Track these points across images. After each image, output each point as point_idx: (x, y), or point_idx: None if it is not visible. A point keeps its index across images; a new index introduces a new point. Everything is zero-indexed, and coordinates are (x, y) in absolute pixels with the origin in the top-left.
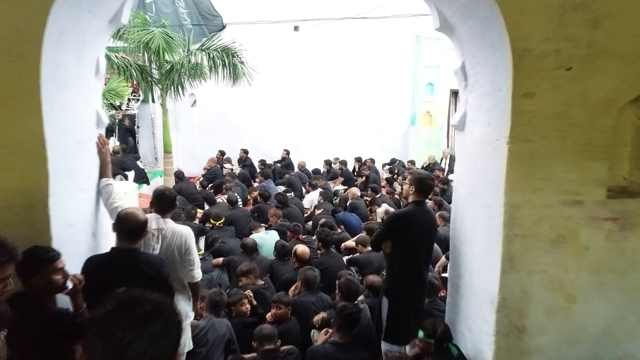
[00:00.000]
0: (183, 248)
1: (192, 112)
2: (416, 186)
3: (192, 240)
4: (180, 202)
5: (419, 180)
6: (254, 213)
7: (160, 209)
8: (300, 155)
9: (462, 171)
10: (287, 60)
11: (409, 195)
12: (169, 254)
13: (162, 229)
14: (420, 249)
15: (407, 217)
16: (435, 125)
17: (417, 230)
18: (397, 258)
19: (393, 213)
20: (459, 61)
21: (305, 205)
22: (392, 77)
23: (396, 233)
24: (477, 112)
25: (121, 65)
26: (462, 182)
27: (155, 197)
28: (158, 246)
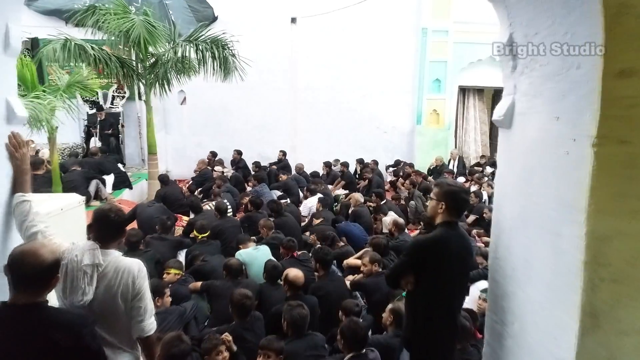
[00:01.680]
0: (130, 291)
1: (182, 110)
2: (447, 202)
3: (143, 280)
4: (161, 211)
5: (451, 194)
6: (243, 223)
7: (101, 236)
8: (297, 157)
9: (510, 183)
10: (284, 54)
11: (436, 214)
12: (109, 300)
13: (99, 264)
14: (453, 286)
15: (437, 245)
16: (443, 124)
17: (449, 261)
18: (422, 299)
19: (418, 240)
20: (505, 33)
21: (303, 212)
22: (397, 72)
23: (421, 265)
24: (534, 101)
25: (97, 57)
26: (510, 197)
27: (94, 219)
28: (92, 289)
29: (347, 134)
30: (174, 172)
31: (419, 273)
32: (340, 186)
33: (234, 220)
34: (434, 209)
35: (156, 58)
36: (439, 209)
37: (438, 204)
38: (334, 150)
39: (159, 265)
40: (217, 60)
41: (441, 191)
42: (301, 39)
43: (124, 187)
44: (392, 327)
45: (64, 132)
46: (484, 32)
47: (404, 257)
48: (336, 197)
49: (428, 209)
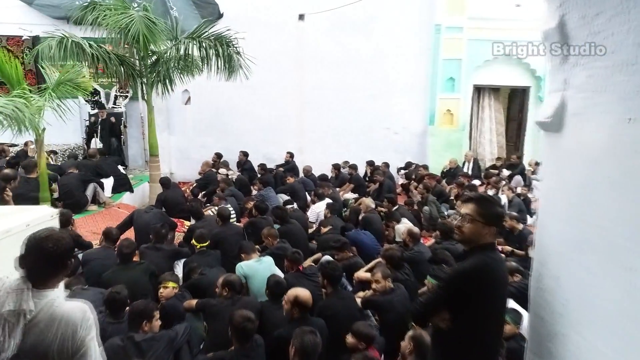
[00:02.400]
0: (69, 347)
1: (186, 111)
2: (489, 221)
3: (88, 331)
4: (159, 217)
5: (500, 218)
6: (247, 229)
7: (35, 273)
8: (305, 159)
9: (561, 199)
10: (291, 52)
11: (477, 235)
12: (38, 358)
13: (26, 311)
14: (497, 321)
15: (483, 275)
16: (457, 124)
17: (493, 293)
18: (459, 337)
19: (458, 269)
20: (553, 16)
21: (311, 218)
22: (409, 71)
23: (462, 300)
24: (596, 99)
25: (96, 55)
26: (560, 217)
27: (26, 250)
28: (13, 343)
29: (357, 134)
30: (178, 174)
31: (458, 308)
32: (349, 189)
33: (236, 227)
34: (479, 232)
35: (158, 56)
36: (484, 232)
37: (485, 228)
38: (343, 151)
39: (154, 277)
40: (222, 58)
41: (489, 213)
42: (309, 36)
43: (125, 190)
44: (412, 358)
45: (65, 133)
46: (500, 29)
47: (440, 290)
48: (345, 201)
49: (468, 231)
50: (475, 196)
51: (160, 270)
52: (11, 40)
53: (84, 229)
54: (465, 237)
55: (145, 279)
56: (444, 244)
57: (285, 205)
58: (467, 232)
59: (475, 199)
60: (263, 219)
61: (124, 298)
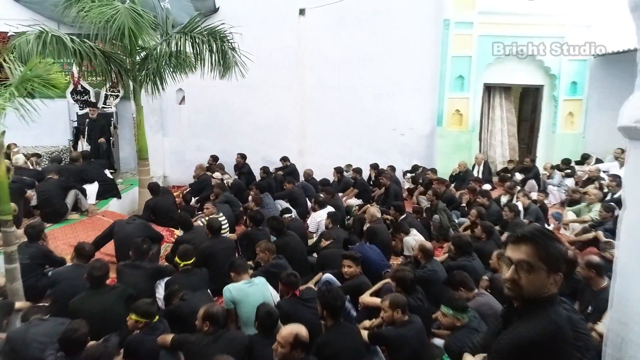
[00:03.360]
0: None
1: (181, 111)
2: (554, 266)
3: None
4: (142, 228)
5: (557, 255)
6: (241, 241)
7: None
8: (306, 162)
9: None
10: (291, 49)
11: (540, 288)
12: None
13: None
14: None
15: (554, 344)
16: (466, 125)
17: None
18: None
19: (520, 340)
20: None
21: (311, 228)
22: (415, 69)
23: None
24: None
25: (79, 51)
26: None
27: None
28: None
29: (360, 136)
30: (172, 177)
31: None
32: (353, 195)
33: (227, 241)
34: (542, 283)
35: (147, 52)
36: (548, 283)
37: (550, 277)
38: (346, 154)
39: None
40: (216, 54)
41: (554, 255)
42: (310, 32)
43: (111, 197)
44: None
45: (55, 135)
46: (512, 24)
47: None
48: (348, 208)
49: (527, 283)
50: (530, 234)
51: (139, 293)
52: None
53: (61, 240)
54: (524, 292)
55: (119, 306)
56: (460, 260)
57: (282, 214)
58: (526, 285)
59: (532, 238)
60: (258, 230)
61: (82, 337)
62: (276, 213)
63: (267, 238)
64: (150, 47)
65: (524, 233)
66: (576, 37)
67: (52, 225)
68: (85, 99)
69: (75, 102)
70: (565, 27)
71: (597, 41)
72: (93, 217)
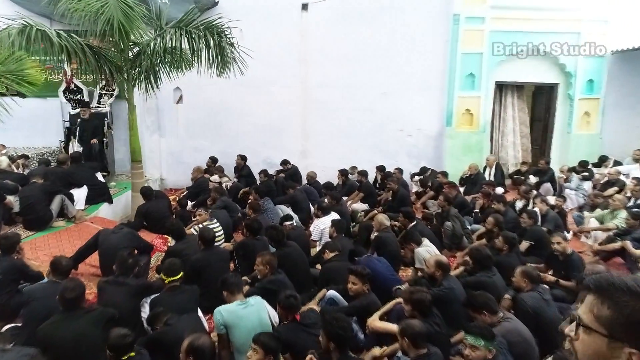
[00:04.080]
0: None
1: (178, 110)
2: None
3: None
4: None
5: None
6: (238, 252)
7: None
8: (309, 163)
9: None
10: (294, 46)
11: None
12: None
13: None
14: None
15: None
16: (477, 125)
17: None
18: None
19: None
20: None
21: (313, 236)
22: (423, 66)
23: None
24: None
25: (65, 47)
26: None
27: None
28: None
29: (366, 137)
30: (169, 179)
31: None
32: (358, 199)
33: (221, 253)
34: (602, 354)
35: (140, 48)
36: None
37: (613, 348)
38: (351, 155)
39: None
40: (213, 49)
41: (623, 320)
42: (313, 28)
43: (103, 201)
44: None
45: (48, 135)
46: (525, 19)
47: None
48: (354, 213)
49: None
50: (596, 283)
51: (123, 313)
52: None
53: (43, 251)
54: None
55: (95, 332)
56: (479, 275)
57: (283, 222)
58: (580, 349)
59: (597, 288)
60: (257, 240)
61: None
62: (277, 219)
63: (266, 248)
64: (142, 42)
65: (596, 283)
66: (593, 32)
67: (35, 233)
68: (79, 98)
69: (68, 102)
70: (581, 22)
71: (615, 37)
72: (80, 224)
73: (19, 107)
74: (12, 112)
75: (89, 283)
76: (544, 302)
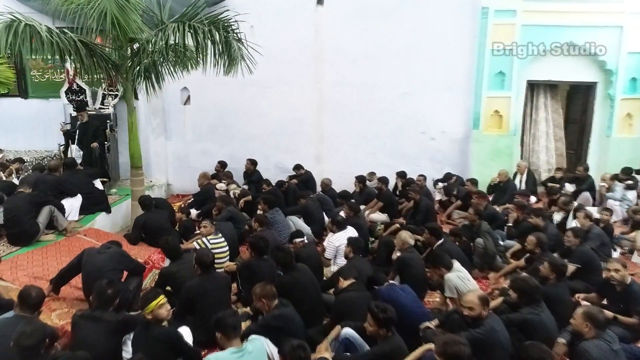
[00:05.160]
0: None
1: (185, 112)
2: None
3: None
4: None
5: None
6: (242, 274)
7: None
8: (323, 169)
9: None
10: (308, 43)
11: None
12: None
13: None
14: None
15: None
16: (507, 128)
17: None
18: None
19: None
20: None
21: (327, 253)
22: (448, 64)
23: None
24: None
25: (56, 42)
26: None
27: None
28: None
29: (385, 140)
30: (175, 185)
31: None
32: (377, 209)
33: (220, 278)
34: None
35: (139, 44)
36: None
37: None
38: (368, 160)
39: None
40: (219, 45)
41: None
42: (329, 24)
43: (100, 210)
44: None
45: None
46: (561, 12)
47: None
48: (372, 226)
49: None
50: None
51: (98, 355)
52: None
53: (25, 270)
54: None
55: None
56: (524, 312)
57: (292, 239)
58: None
59: None
60: (262, 260)
61: None
62: (287, 233)
63: (272, 271)
64: (142, 38)
65: None
66: (637, 26)
67: (20, 249)
68: (81, 98)
69: (70, 103)
70: (624, 15)
71: None
72: (71, 238)
73: (20, 108)
74: (11, 113)
75: (71, 310)
76: (612, 355)
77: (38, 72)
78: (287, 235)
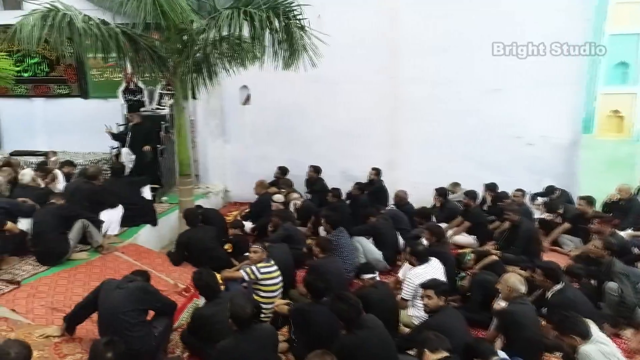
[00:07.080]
0: None
1: (244, 112)
2: None
3: None
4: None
5: None
6: (295, 319)
7: None
8: (396, 178)
9: None
10: (381, 35)
11: None
12: None
13: None
14: None
15: None
16: (628, 132)
17: None
18: None
19: None
20: None
21: (405, 294)
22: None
23: None
24: None
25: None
26: None
27: None
28: None
29: (469, 145)
30: (234, 192)
31: None
32: (463, 229)
33: (262, 337)
34: None
35: (188, 36)
36: None
37: None
38: (449, 169)
39: None
40: (279, 33)
41: None
42: (406, 11)
43: (144, 223)
44: None
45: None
46: None
47: None
48: (460, 256)
49: None
50: None
51: None
52: None
53: (43, 298)
54: None
55: None
56: None
57: (360, 273)
58: None
59: None
60: (320, 304)
61: None
62: (353, 258)
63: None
64: (192, 29)
65: None
66: None
67: (45, 270)
68: (138, 98)
69: (127, 102)
70: None
71: None
72: (107, 256)
73: (80, 109)
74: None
75: (85, 356)
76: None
77: (97, 71)
78: (353, 262)
